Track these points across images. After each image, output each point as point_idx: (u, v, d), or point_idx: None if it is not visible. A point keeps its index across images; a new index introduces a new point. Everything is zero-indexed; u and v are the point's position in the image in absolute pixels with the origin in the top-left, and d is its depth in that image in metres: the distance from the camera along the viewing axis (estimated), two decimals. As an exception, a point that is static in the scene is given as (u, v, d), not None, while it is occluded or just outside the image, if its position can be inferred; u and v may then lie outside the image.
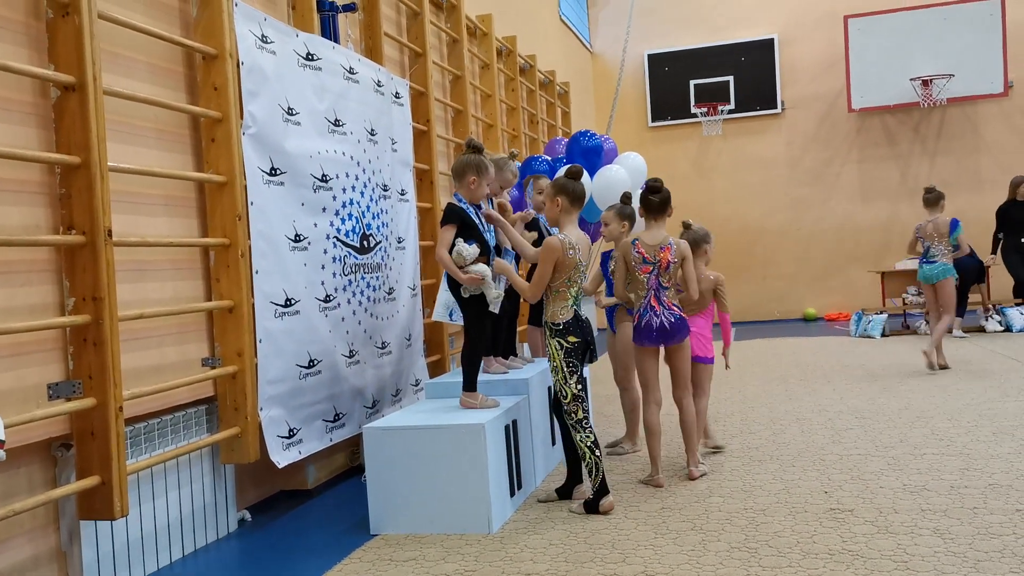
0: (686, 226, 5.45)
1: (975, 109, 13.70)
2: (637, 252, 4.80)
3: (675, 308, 4.83)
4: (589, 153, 7.67)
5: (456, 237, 4.50)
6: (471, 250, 4.47)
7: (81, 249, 3.39)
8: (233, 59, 4.33)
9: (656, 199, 4.84)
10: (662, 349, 4.93)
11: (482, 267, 4.51)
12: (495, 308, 4.65)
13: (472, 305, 4.62)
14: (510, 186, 5.49)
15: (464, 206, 4.61)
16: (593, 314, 6.74)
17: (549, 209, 4.55)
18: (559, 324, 4.39)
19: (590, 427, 4.38)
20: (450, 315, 5.81)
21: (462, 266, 4.47)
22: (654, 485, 4.73)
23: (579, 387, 4.38)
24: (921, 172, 13.93)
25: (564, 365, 4.37)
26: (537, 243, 5.92)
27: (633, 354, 5.04)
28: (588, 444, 4.34)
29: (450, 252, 4.48)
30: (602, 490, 4.29)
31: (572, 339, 4.38)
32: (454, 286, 4.62)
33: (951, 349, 9.37)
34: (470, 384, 4.59)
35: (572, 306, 4.42)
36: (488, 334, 4.83)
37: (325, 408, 4.98)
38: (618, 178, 7.63)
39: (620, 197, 5.38)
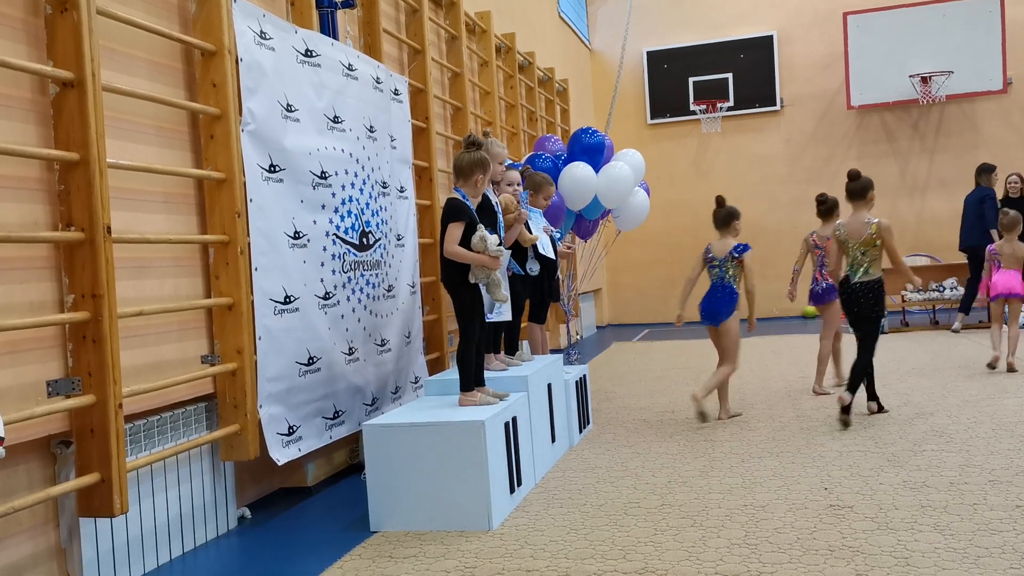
0: (1004, 212, 7.61)
1: (974, 106, 13.70)
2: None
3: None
4: (591, 150, 7.65)
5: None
6: (493, 239, 4.49)
7: (80, 246, 3.38)
8: (232, 55, 4.32)
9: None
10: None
11: (505, 253, 4.55)
12: (500, 312, 4.68)
13: (466, 302, 4.61)
14: (500, 160, 5.44)
15: (468, 203, 4.61)
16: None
17: None
18: None
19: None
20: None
21: (483, 252, 4.49)
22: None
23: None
24: (920, 169, 13.94)
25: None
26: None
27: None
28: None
29: (465, 245, 4.49)
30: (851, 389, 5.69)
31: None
32: (451, 278, 4.60)
33: (949, 347, 9.36)
34: (467, 383, 4.59)
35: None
36: (483, 331, 4.82)
37: (324, 405, 4.97)
38: (622, 175, 7.62)
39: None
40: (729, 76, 14.41)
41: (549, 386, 5.39)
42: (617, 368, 9.44)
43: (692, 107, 14.43)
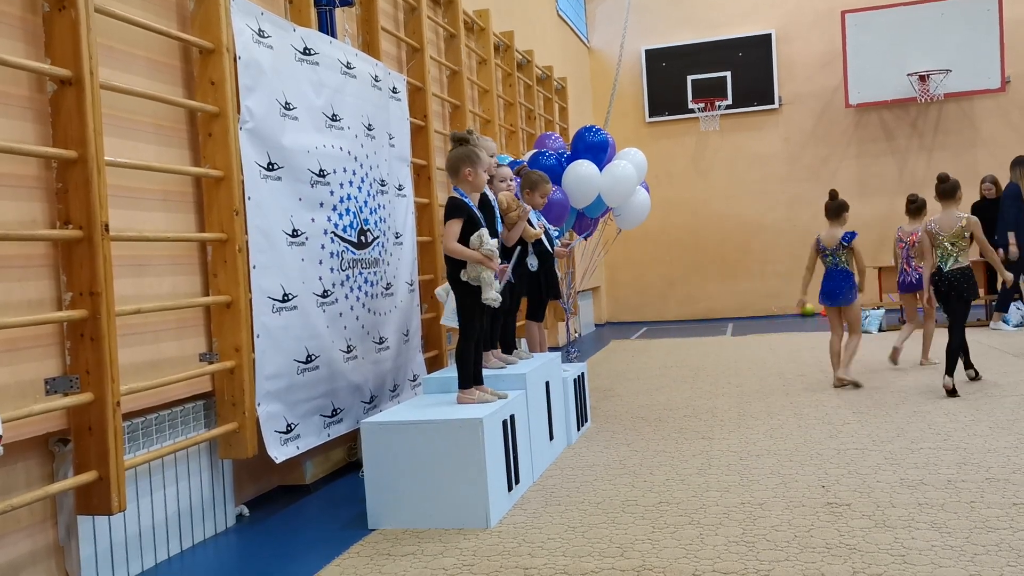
0: None
1: (972, 104, 13.72)
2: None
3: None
4: (595, 148, 7.65)
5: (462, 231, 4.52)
6: (492, 242, 4.49)
7: (78, 244, 3.38)
8: (230, 53, 4.32)
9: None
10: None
11: (494, 251, 4.54)
12: (491, 304, 4.66)
13: (467, 300, 4.62)
14: (491, 154, 5.43)
15: (467, 201, 4.61)
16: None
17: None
18: None
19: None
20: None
21: (477, 249, 4.49)
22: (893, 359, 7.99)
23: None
24: (918, 167, 13.95)
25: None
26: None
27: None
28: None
29: (463, 242, 4.49)
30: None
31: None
32: (453, 275, 4.61)
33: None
34: (465, 381, 4.59)
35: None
36: (482, 330, 4.82)
37: (323, 403, 4.98)
38: (626, 174, 7.62)
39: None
40: (727, 74, 14.42)
41: (547, 384, 5.40)
42: (615, 366, 9.45)
43: (690, 105, 14.44)
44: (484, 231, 4.51)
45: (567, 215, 7.52)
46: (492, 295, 4.58)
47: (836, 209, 7.28)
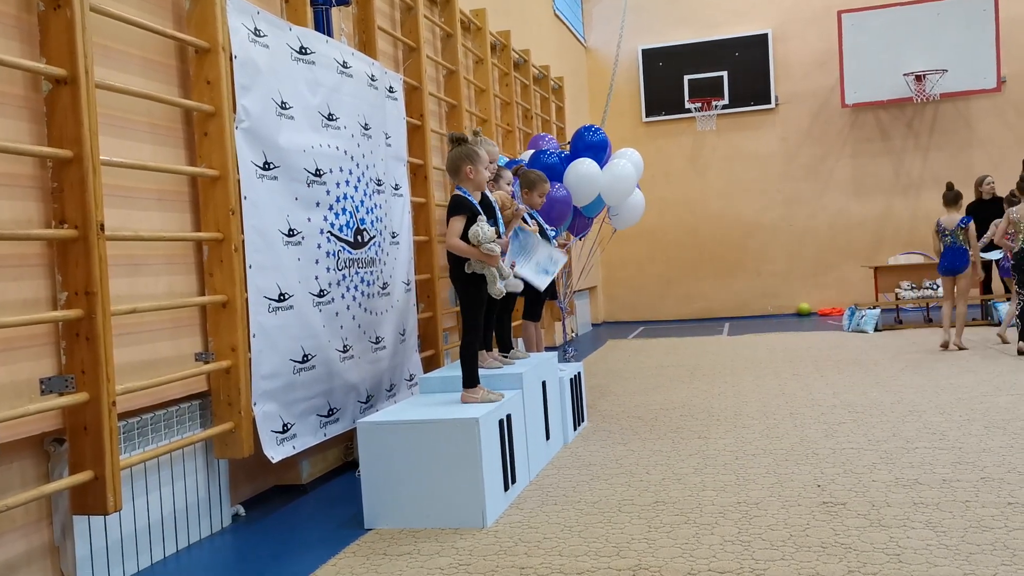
0: None
1: (968, 104, 13.74)
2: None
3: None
4: (595, 147, 7.65)
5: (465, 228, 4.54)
6: (489, 231, 4.49)
7: (73, 243, 3.37)
8: (226, 52, 4.31)
9: None
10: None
11: (496, 247, 4.54)
12: (495, 296, 4.69)
13: (471, 295, 4.62)
14: (493, 159, 5.48)
15: (470, 198, 4.62)
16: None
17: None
18: None
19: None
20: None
21: (478, 246, 4.50)
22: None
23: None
24: (914, 167, 13.98)
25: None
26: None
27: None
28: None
29: (464, 238, 4.50)
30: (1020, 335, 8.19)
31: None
32: (456, 270, 4.63)
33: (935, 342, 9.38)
34: (470, 379, 4.59)
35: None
36: (486, 328, 4.84)
37: (319, 403, 4.97)
38: (626, 173, 7.62)
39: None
40: (724, 74, 14.43)
41: (544, 384, 5.40)
42: (612, 365, 9.45)
43: (687, 105, 14.44)
44: (480, 225, 4.51)
45: (569, 213, 7.52)
46: (498, 287, 4.60)
47: (954, 198, 8.85)
